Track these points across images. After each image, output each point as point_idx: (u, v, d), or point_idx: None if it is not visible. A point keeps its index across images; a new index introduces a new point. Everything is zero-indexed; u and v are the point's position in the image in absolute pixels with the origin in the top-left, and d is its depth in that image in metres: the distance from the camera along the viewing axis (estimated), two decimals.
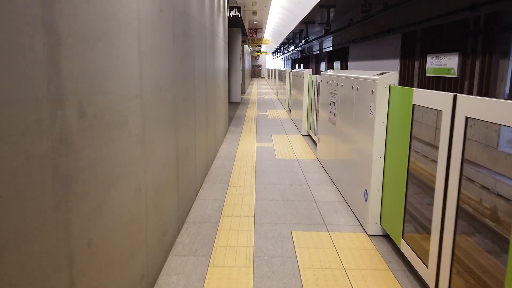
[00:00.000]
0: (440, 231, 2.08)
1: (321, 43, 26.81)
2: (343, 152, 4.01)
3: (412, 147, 2.55)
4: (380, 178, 3.00)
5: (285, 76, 12.95)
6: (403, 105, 2.62)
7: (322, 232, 3.15)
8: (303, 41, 22.48)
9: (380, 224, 3.04)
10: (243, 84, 19.40)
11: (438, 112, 5.26)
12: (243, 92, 19.69)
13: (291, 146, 6.49)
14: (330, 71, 5.10)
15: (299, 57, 39.31)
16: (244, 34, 18.07)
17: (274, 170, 4.97)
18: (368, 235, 3.08)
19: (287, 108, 12.35)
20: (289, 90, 11.98)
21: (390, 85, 2.90)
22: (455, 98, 1.98)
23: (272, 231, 3.16)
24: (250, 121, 9.46)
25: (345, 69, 18.83)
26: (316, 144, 6.66)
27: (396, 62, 11.71)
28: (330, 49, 23.09)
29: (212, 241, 2.96)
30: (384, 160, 2.96)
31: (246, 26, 14.45)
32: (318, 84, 6.48)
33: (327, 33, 15.38)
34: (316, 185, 4.38)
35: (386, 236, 3.04)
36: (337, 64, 20.45)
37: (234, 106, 13.22)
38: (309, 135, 7.57)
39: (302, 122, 7.63)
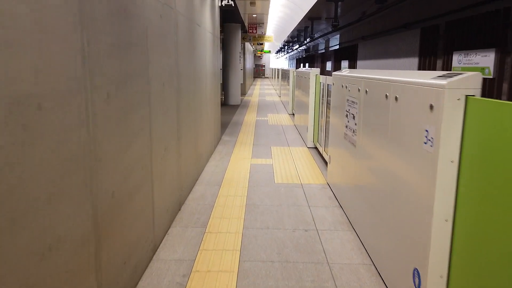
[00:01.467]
0: None
1: (327, 41, 25.52)
2: (369, 185, 2.76)
3: None
4: (445, 255, 1.75)
5: (288, 76, 11.68)
6: (501, 134, 1.38)
7: None
8: (308, 39, 21.21)
9: None
10: (243, 84, 18.17)
11: None
12: (243, 94, 18.46)
13: (294, 164, 5.25)
14: (345, 71, 3.85)
15: (304, 56, 38.02)
16: (245, 31, 16.83)
17: (271, 203, 3.73)
18: None
19: (291, 112, 11.09)
20: (293, 92, 10.73)
21: (467, 96, 1.65)
22: None
23: None
24: (248, 129, 8.22)
25: (353, 68, 17.55)
26: (325, 161, 5.40)
27: (414, 61, 10.41)
28: (337, 47, 21.80)
29: None
30: (454, 227, 1.72)
31: (246, 22, 13.19)
32: (327, 87, 5.23)
33: (335, 29, 14.10)
34: (328, 231, 3.13)
35: None
36: (344, 63, 19.17)
37: (232, 109, 11.99)
38: (316, 148, 6.32)
39: (308, 132, 6.38)
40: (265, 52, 30.43)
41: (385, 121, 2.43)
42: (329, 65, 24.30)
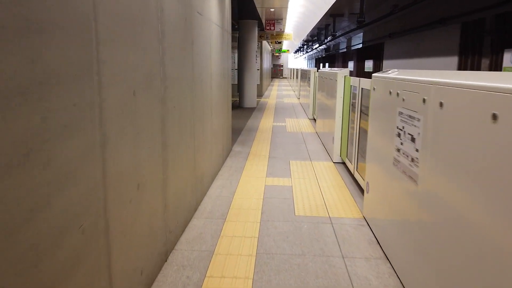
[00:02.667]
0: None
1: (349, 40, 24.28)
2: (447, 249, 1.76)
3: None
4: None
5: (309, 77, 10.65)
6: None
7: None
8: (329, 37, 20.08)
9: None
10: (260, 86, 17.22)
11: None
12: (260, 95, 17.51)
13: (318, 186, 4.25)
14: (393, 72, 2.85)
15: (324, 55, 36.76)
16: (262, 29, 15.88)
17: (290, 251, 2.76)
18: None
19: (311, 117, 10.06)
20: (314, 95, 9.71)
21: None
22: None
23: None
24: (263, 137, 7.25)
25: (379, 69, 16.33)
26: (357, 183, 4.39)
27: (451, 61, 9.23)
28: (360, 46, 20.56)
29: None
30: None
31: (263, 17, 12.22)
32: (361, 91, 4.22)
33: (360, 25, 12.98)
34: None
35: None
36: (368, 63, 17.96)
37: (247, 113, 11.04)
38: (344, 164, 5.30)
39: (334, 144, 5.37)
40: (283, 51, 29.40)
41: (485, 157, 1.42)
42: (351, 65, 23.07)
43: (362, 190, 4.12)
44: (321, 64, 38.47)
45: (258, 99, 15.88)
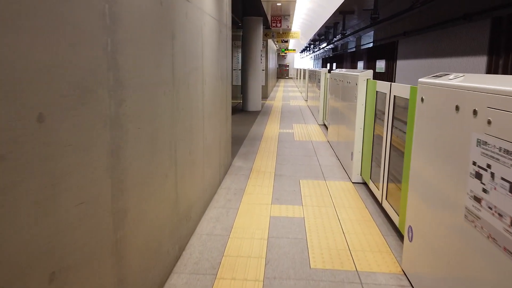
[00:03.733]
0: None
1: (358, 39, 23.34)
2: None
3: None
4: None
5: (319, 79, 9.74)
6: None
7: None
8: (338, 36, 19.16)
9: None
10: (265, 87, 16.35)
11: None
12: (265, 97, 16.64)
13: (337, 220, 3.38)
14: (455, 78, 1.97)
15: (331, 55, 35.79)
16: (267, 27, 15.00)
17: None
18: None
19: (321, 123, 9.17)
20: (325, 99, 8.82)
21: None
22: None
23: None
24: (268, 147, 6.38)
25: (392, 70, 15.38)
26: (387, 217, 3.50)
27: (479, 61, 8.29)
28: (371, 45, 19.61)
29: None
30: None
31: (269, 13, 11.34)
32: (392, 99, 3.34)
33: (373, 22, 12.06)
34: None
35: None
36: (380, 63, 17.01)
37: (251, 118, 10.18)
38: (365, 184, 4.42)
39: (354, 161, 4.49)
40: (289, 51, 28.48)
41: None
42: (360, 65, 22.11)
43: (394, 226, 3.24)
44: (328, 64, 37.49)
45: (263, 101, 15.01)
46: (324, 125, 8.93)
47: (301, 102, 14.97)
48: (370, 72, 4.31)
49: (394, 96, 3.24)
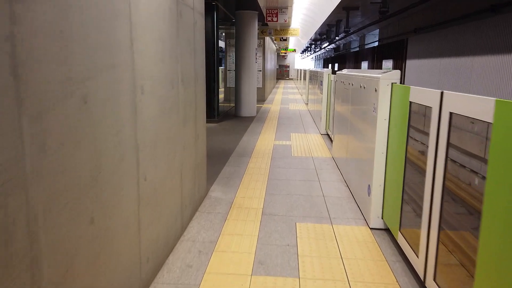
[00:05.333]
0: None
1: (362, 38, 22.07)
2: None
3: None
4: None
5: (321, 81, 8.41)
6: None
7: None
8: (341, 34, 17.89)
9: None
10: (262, 89, 15.07)
11: None
12: (262, 100, 15.35)
13: None
14: None
15: (333, 55, 34.50)
16: (264, 23, 13.72)
17: None
18: None
19: (324, 132, 7.87)
20: (328, 104, 7.52)
21: None
22: None
23: None
24: (259, 168, 5.10)
25: (400, 70, 14.10)
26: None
27: (509, 60, 7.01)
28: (376, 44, 18.33)
29: None
30: None
31: (264, 7, 10.05)
32: (447, 120, 2.05)
33: (382, 17, 10.78)
34: None
35: None
36: (387, 63, 15.72)
37: (243, 125, 8.90)
38: (388, 231, 3.14)
39: (372, 198, 3.21)
40: (289, 50, 27.18)
41: None
42: (364, 66, 20.81)
43: None
44: (330, 65, 36.21)
45: (260, 105, 13.73)
46: (327, 134, 7.65)
47: (301, 105, 13.68)
48: (396, 73, 3.03)
49: (451, 113, 1.95)
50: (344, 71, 5.16)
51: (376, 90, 3.13)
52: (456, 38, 9.46)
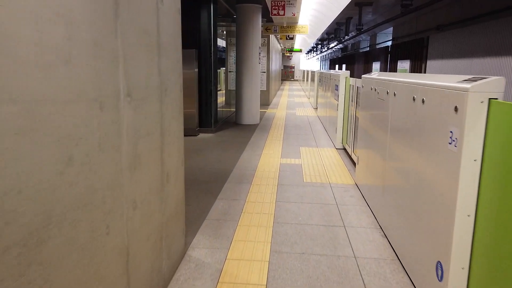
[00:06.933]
0: None
1: (374, 37, 20.78)
2: None
3: None
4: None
5: (336, 85, 7.11)
6: None
7: None
8: (352, 33, 16.62)
9: None
10: (266, 92, 13.84)
11: None
12: (266, 104, 14.11)
13: None
14: None
15: (340, 56, 33.19)
16: (269, 20, 12.48)
17: None
18: None
19: (340, 146, 6.61)
20: (346, 114, 6.25)
21: None
22: None
23: None
24: (261, 203, 3.86)
25: (417, 72, 12.79)
26: None
27: None
28: (389, 43, 17.04)
29: None
30: None
31: (268, 0, 8.79)
32: None
33: (405, 11, 9.51)
34: None
35: None
36: (402, 64, 14.44)
37: (243, 136, 7.65)
38: None
39: (448, 286, 1.94)
40: (295, 50, 25.88)
41: None
42: (376, 67, 19.48)
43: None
44: (337, 66, 34.90)
45: (264, 109, 12.48)
46: (344, 149, 6.39)
47: (309, 110, 12.42)
48: (498, 82, 1.78)
49: None
50: (375, 74, 3.91)
51: (456, 110, 1.87)
52: (487, 36, 8.17)
